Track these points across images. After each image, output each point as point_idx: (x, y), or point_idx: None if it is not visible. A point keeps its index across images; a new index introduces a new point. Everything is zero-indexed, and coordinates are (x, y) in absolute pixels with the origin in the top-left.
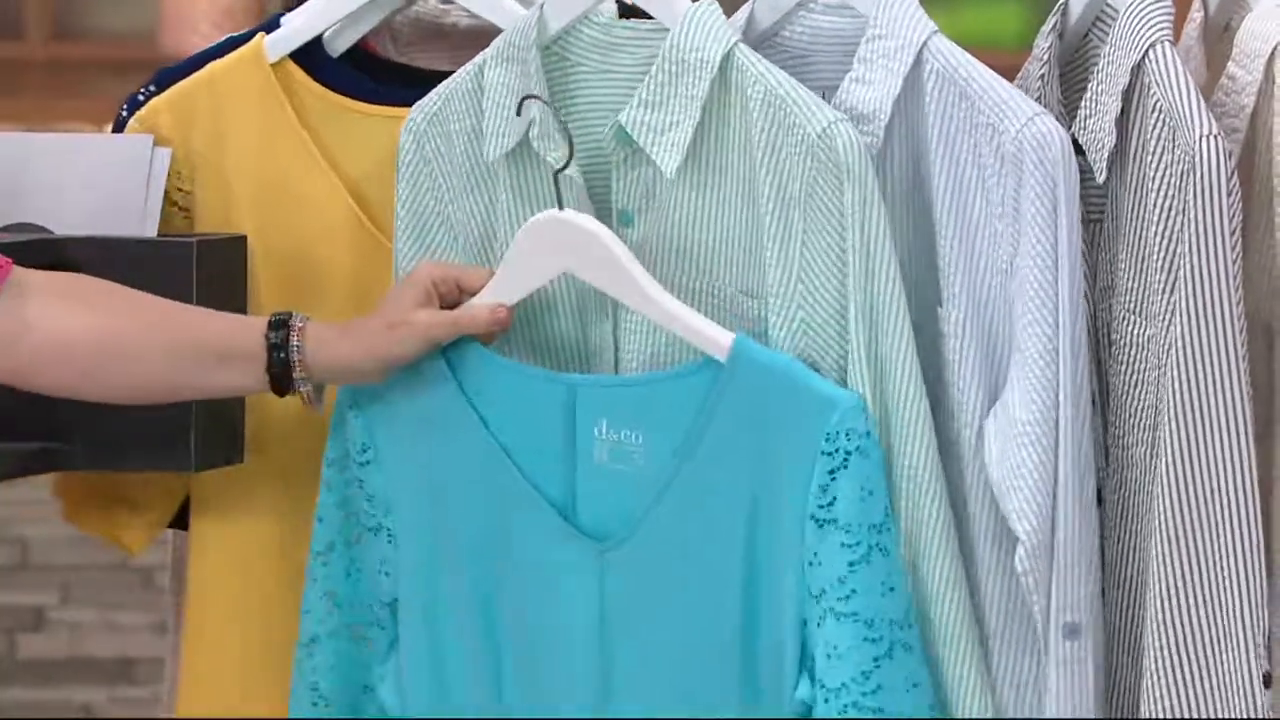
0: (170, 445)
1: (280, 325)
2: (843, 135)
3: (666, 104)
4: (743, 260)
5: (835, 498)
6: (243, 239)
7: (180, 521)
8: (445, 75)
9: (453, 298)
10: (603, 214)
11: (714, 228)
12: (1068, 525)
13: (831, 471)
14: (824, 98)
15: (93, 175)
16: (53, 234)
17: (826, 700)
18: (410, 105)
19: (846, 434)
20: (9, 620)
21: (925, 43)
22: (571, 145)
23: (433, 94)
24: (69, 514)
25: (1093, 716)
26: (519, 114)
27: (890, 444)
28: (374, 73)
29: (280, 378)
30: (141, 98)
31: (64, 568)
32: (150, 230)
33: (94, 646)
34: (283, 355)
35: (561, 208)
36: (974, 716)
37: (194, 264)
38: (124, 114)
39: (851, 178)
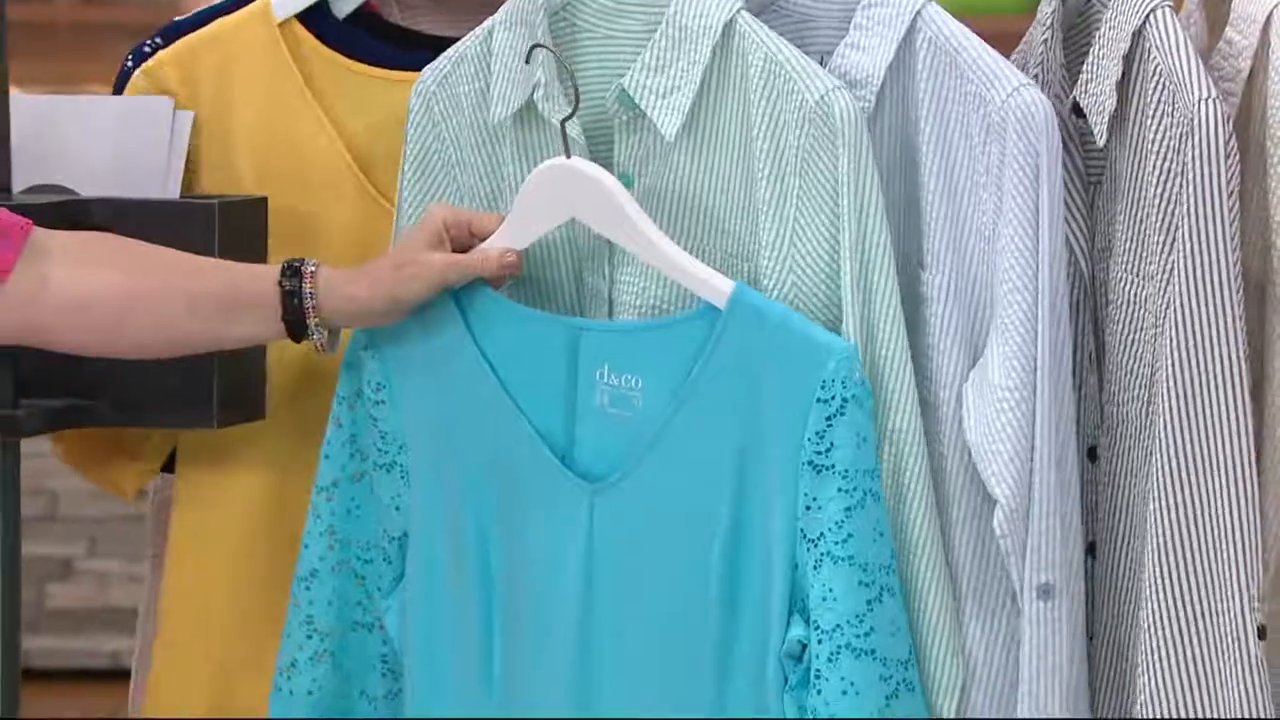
0: (193, 403)
1: (293, 272)
2: (840, 102)
3: (669, 68)
4: (736, 224)
5: (832, 444)
6: (263, 200)
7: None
8: (447, 40)
9: (464, 241)
10: None
11: (710, 191)
12: (1044, 489)
13: (828, 418)
14: (821, 63)
15: (116, 137)
16: (77, 195)
17: (820, 641)
18: (414, 69)
19: (843, 381)
20: (39, 570)
21: (919, 11)
22: (578, 96)
23: (443, 57)
24: (69, 461)
25: (1065, 676)
26: (527, 62)
27: (876, 406)
28: (378, 36)
29: (295, 324)
30: (148, 50)
31: (91, 520)
32: (173, 191)
33: (120, 596)
34: (297, 301)
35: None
36: (945, 668)
37: (216, 225)
38: (129, 65)
39: (846, 144)
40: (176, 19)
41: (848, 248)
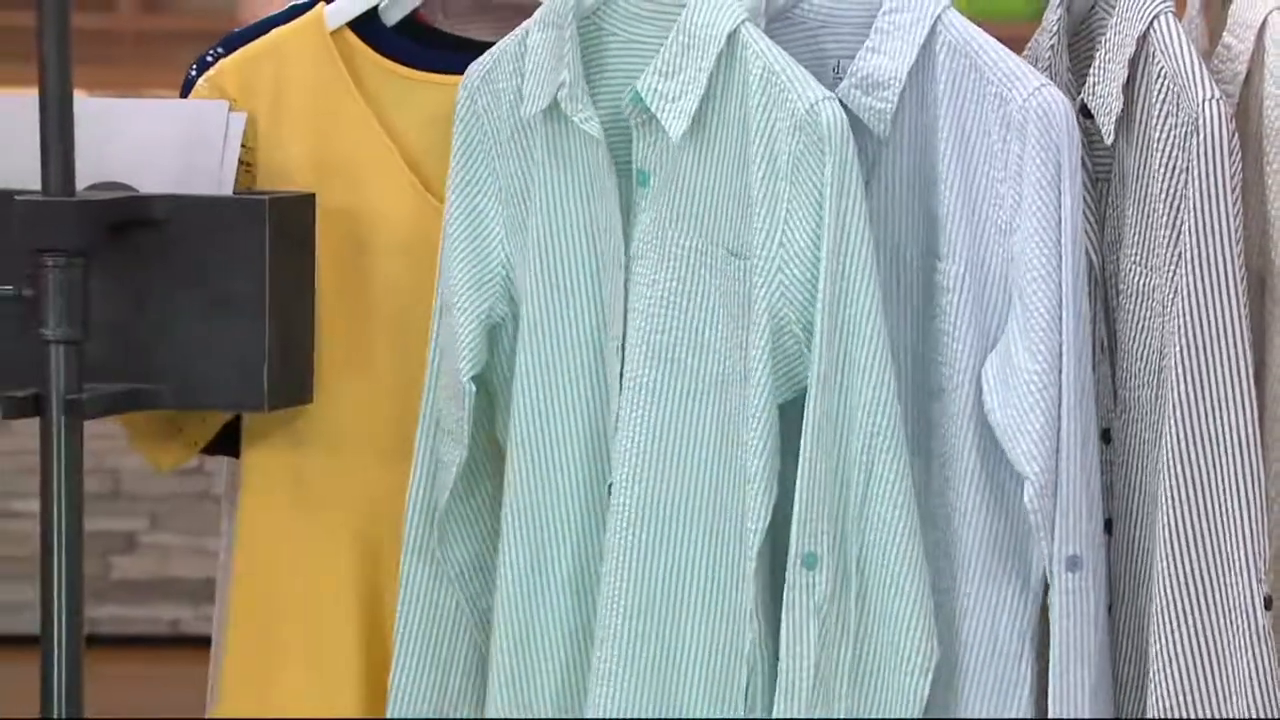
0: (245, 387)
1: None
2: (827, 111)
3: (678, 74)
4: (734, 223)
5: None
6: (311, 197)
7: (232, 450)
8: (482, 43)
9: None
10: (623, 173)
11: (712, 191)
12: (1071, 467)
13: None
14: (838, 68)
15: (174, 138)
16: (136, 191)
17: None
18: (459, 74)
19: None
20: (103, 544)
21: (939, 16)
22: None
23: (485, 55)
24: (125, 423)
25: (1092, 642)
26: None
27: (853, 405)
28: (426, 42)
29: None
30: (210, 59)
31: (153, 496)
32: (226, 189)
33: (180, 568)
34: None
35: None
36: (920, 649)
37: (266, 220)
38: (193, 74)
39: (832, 150)
40: (236, 29)
41: (827, 248)
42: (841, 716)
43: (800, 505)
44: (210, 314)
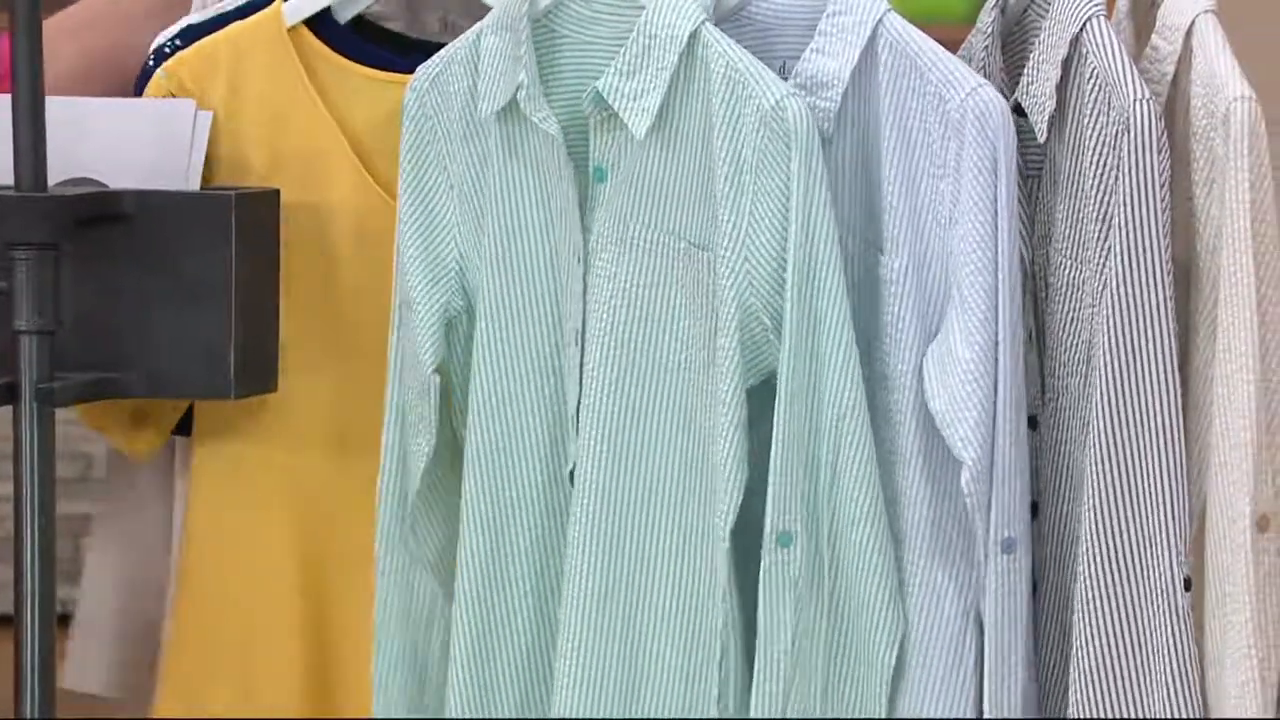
0: (212, 375)
1: None
2: (793, 108)
3: (639, 74)
4: (698, 216)
5: None
6: (276, 193)
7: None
8: (431, 44)
9: None
10: (580, 170)
11: (674, 186)
12: (1006, 452)
13: None
14: (785, 68)
15: (142, 135)
16: (106, 187)
17: None
18: (407, 72)
19: None
20: (75, 526)
21: (881, 19)
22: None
23: (435, 58)
24: (91, 424)
25: (1025, 620)
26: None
27: (821, 389)
28: (376, 41)
29: None
30: (168, 50)
31: None
32: (193, 184)
33: None
34: None
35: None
36: (887, 621)
37: (232, 215)
38: (150, 64)
39: (798, 146)
40: (191, 22)
41: (794, 240)
42: (819, 688)
43: (774, 486)
44: (178, 305)
